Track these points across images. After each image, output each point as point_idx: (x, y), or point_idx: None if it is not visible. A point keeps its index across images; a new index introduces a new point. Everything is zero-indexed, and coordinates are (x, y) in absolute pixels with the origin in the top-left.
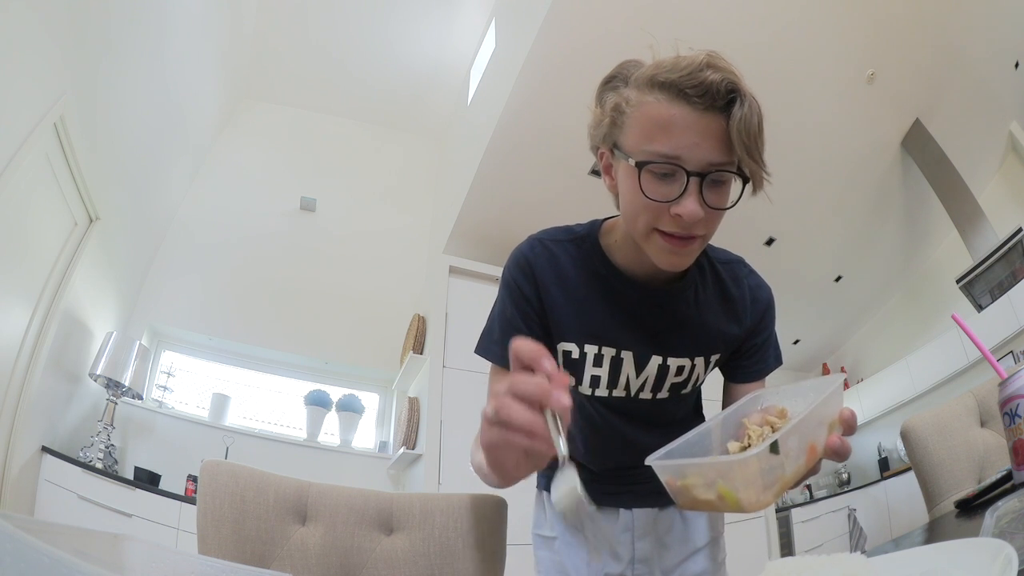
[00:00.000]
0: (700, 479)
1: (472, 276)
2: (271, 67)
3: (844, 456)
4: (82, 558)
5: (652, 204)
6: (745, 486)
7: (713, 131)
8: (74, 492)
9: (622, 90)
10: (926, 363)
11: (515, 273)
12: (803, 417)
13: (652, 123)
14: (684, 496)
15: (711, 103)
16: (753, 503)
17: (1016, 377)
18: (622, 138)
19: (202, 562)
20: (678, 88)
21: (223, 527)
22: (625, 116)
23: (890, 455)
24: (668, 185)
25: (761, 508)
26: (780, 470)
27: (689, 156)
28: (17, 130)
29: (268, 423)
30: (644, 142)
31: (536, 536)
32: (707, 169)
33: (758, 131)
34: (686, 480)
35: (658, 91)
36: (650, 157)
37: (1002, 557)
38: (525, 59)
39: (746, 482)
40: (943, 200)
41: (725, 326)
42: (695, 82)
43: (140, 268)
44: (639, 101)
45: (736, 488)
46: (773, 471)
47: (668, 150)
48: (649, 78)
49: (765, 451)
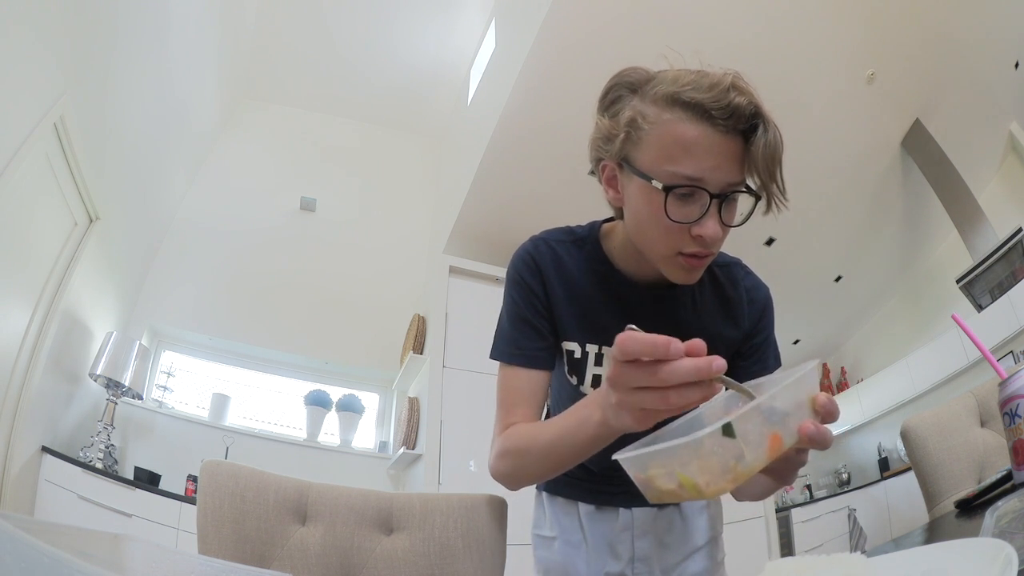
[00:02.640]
0: (661, 469)
1: (472, 276)
2: (271, 67)
3: (822, 443)
4: (82, 558)
5: (673, 226)
6: (701, 471)
7: (732, 153)
8: (74, 492)
9: (635, 103)
10: (926, 363)
11: (523, 271)
12: (762, 399)
13: (675, 143)
14: (650, 489)
15: (733, 126)
16: (712, 488)
17: (1016, 377)
18: (637, 155)
19: (202, 562)
20: (704, 108)
21: (223, 527)
22: (643, 132)
23: (890, 455)
24: (689, 206)
25: (721, 493)
26: (738, 453)
27: (711, 178)
28: (17, 130)
29: (268, 423)
30: (665, 162)
31: (536, 536)
32: (726, 190)
33: (781, 156)
34: (648, 472)
35: (680, 109)
36: (673, 179)
37: (1002, 557)
38: (525, 59)
39: (702, 468)
40: (943, 200)
41: (723, 329)
42: (722, 104)
43: (140, 268)
44: (658, 119)
45: (693, 474)
46: (729, 454)
47: (692, 172)
48: (671, 95)
49: (717, 432)
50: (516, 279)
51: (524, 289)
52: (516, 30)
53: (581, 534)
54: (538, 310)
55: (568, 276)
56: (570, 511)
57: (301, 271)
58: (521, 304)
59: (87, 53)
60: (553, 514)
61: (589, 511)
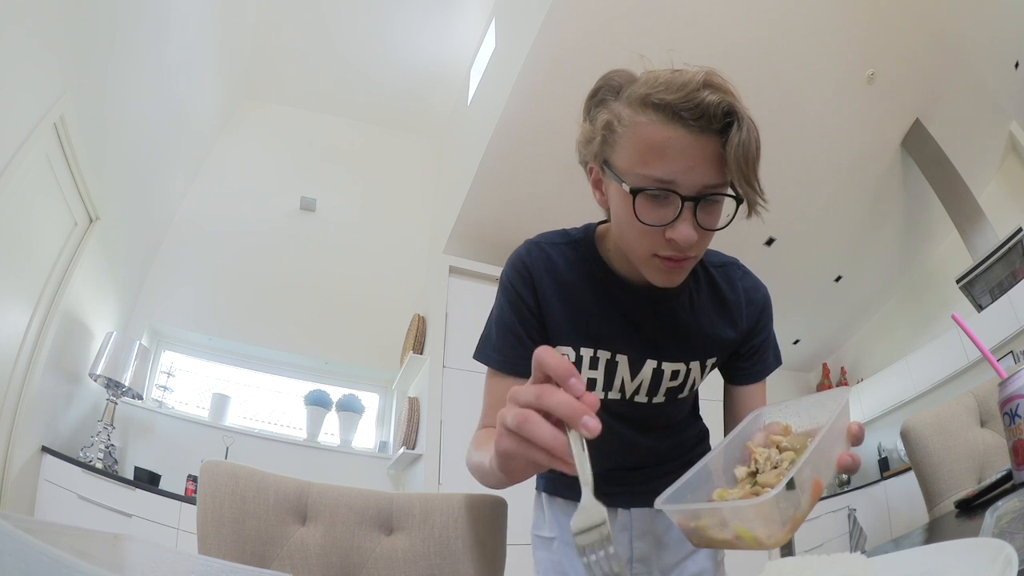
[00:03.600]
0: (715, 519)
1: (472, 276)
2: (271, 67)
3: (854, 470)
4: (82, 558)
5: (647, 228)
6: (763, 524)
7: (708, 154)
8: (74, 492)
9: (612, 105)
10: (926, 363)
11: (513, 278)
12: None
13: (645, 146)
14: (698, 536)
15: (707, 126)
16: (772, 540)
17: (1016, 377)
18: (614, 157)
19: (202, 562)
20: (673, 110)
21: (223, 527)
22: (617, 135)
23: (890, 455)
24: (662, 209)
25: (780, 544)
26: (796, 504)
27: (683, 180)
28: (17, 130)
29: (268, 423)
30: (637, 164)
31: (535, 537)
32: (701, 192)
33: (756, 156)
34: (700, 521)
35: (652, 111)
36: (644, 182)
37: (1002, 557)
38: (525, 59)
39: (764, 520)
40: (943, 200)
41: (721, 330)
42: (691, 104)
43: (140, 268)
44: (632, 121)
45: (753, 527)
46: (789, 504)
47: (662, 174)
48: (642, 97)
49: (783, 491)
50: (506, 285)
51: (513, 296)
52: (516, 30)
53: None
54: (525, 318)
55: (562, 279)
56: (569, 511)
57: (301, 271)
58: (508, 311)
59: (87, 53)
60: (552, 515)
61: None
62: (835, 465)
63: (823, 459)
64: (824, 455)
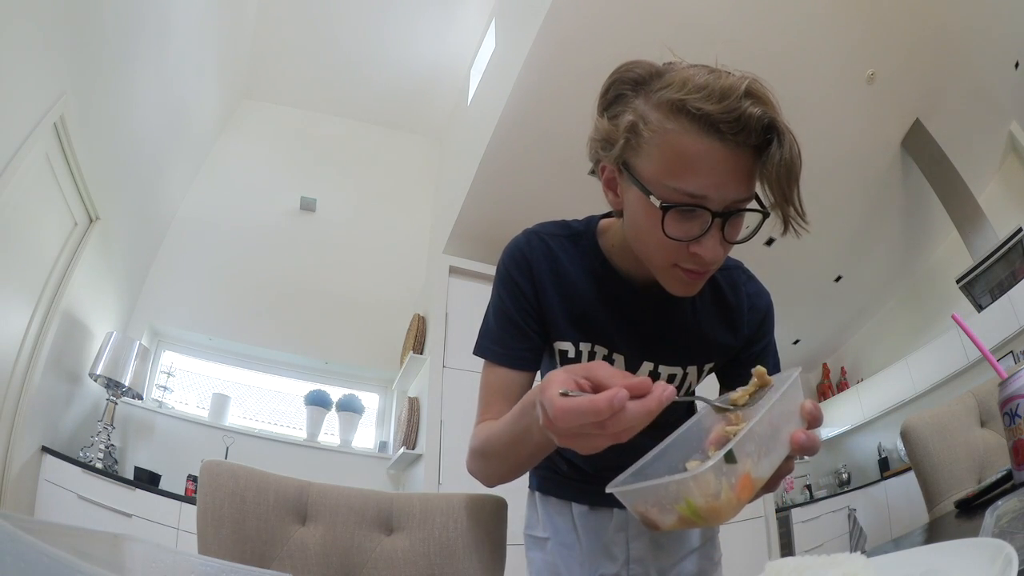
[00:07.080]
0: (666, 501)
1: (472, 276)
2: (271, 67)
3: (812, 450)
4: (82, 558)
5: (672, 242)
6: (707, 499)
7: (741, 168)
8: (74, 492)
9: (637, 104)
10: (926, 363)
11: (511, 267)
12: (757, 420)
13: (676, 156)
14: (649, 519)
15: (745, 140)
16: (720, 514)
17: (1016, 377)
18: (637, 162)
19: (202, 562)
20: (712, 121)
21: (223, 527)
22: (643, 139)
23: (890, 455)
24: (689, 223)
25: (731, 517)
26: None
27: (715, 196)
28: (17, 130)
29: (268, 423)
30: (665, 175)
31: (528, 537)
32: (730, 207)
33: (798, 174)
34: (651, 504)
35: (685, 119)
36: (674, 196)
37: (1002, 557)
38: (525, 59)
39: (707, 495)
40: (943, 200)
41: (721, 335)
42: (732, 117)
43: (140, 268)
44: (661, 127)
45: (699, 503)
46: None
47: (694, 189)
48: (675, 102)
49: (720, 462)
50: (505, 276)
51: (512, 287)
52: (516, 30)
53: (575, 535)
54: (525, 310)
55: (562, 273)
56: (563, 511)
57: (301, 271)
58: (508, 303)
59: (87, 53)
60: (546, 514)
61: (582, 511)
62: (787, 443)
63: (771, 435)
64: (773, 430)
